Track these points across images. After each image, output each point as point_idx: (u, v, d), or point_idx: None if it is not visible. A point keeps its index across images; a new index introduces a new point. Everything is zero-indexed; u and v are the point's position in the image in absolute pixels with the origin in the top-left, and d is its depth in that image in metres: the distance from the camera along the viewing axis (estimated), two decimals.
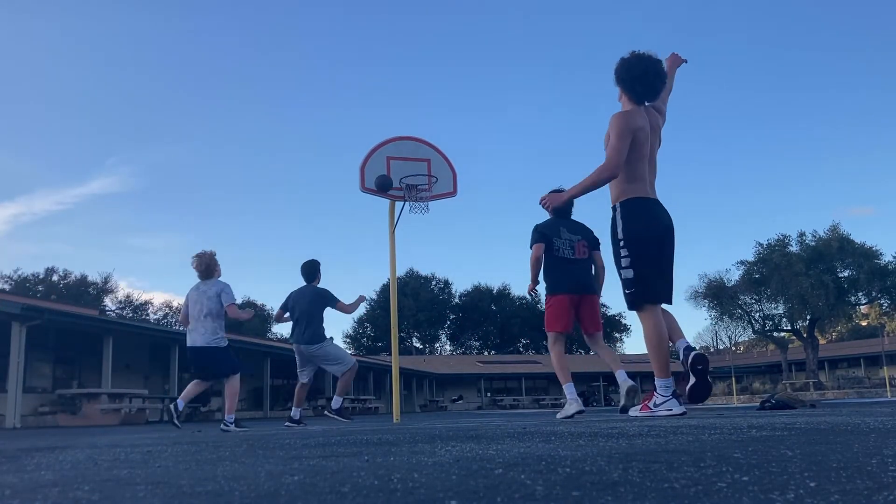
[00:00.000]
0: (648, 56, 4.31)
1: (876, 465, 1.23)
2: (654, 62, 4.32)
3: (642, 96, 4.36)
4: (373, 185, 9.19)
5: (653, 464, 1.34)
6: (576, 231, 5.80)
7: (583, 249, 5.75)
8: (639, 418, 4.07)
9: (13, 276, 52.45)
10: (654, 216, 4.28)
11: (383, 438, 2.71)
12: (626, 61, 4.31)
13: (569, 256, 5.70)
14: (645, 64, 4.29)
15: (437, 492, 1.08)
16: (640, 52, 4.32)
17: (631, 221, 4.23)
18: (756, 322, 43.24)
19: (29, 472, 1.73)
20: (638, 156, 4.25)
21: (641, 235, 4.21)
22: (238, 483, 1.28)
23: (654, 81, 4.32)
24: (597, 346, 5.97)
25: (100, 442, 3.60)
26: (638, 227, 4.22)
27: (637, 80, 4.30)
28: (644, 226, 4.23)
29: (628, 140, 4.19)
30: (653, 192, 4.36)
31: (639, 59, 4.29)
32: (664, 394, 4.18)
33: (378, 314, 58.70)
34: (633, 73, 4.29)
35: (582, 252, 5.74)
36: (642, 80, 4.29)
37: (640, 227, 4.22)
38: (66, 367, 18.98)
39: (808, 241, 39.47)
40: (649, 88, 4.33)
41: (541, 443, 2.08)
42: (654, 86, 4.33)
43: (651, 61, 4.30)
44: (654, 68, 4.32)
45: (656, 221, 4.28)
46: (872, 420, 2.76)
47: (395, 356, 9.43)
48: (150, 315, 58.31)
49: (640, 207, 4.26)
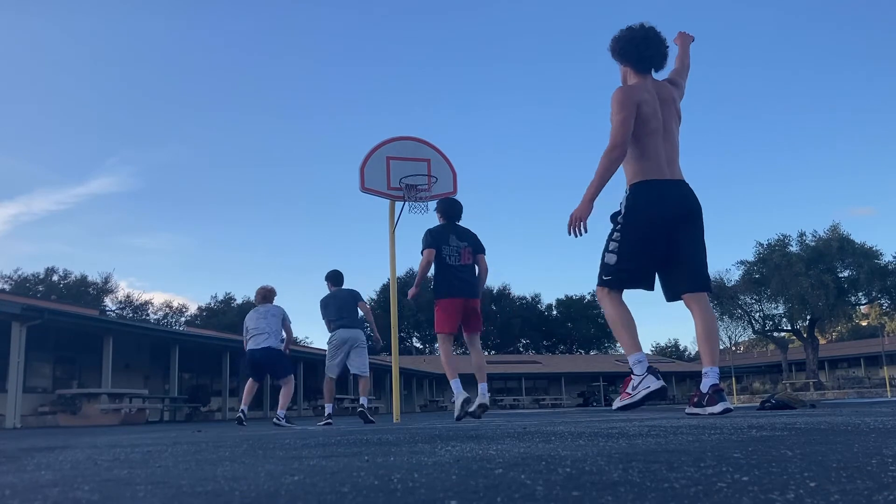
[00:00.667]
0: (643, 24, 4.09)
1: (876, 465, 1.23)
2: (651, 28, 4.08)
3: (647, 62, 4.07)
4: (373, 186, 9.21)
5: (653, 464, 1.34)
6: (463, 238, 6.10)
7: (468, 256, 6.06)
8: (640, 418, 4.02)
9: (13, 276, 52.50)
10: (663, 200, 3.92)
11: (383, 438, 2.71)
12: (621, 33, 4.11)
13: (455, 263, 5.98)
14: (642, 31, 4.07)
15: (438, 492, 1.08)
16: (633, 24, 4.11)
17: (635, 205, 3.92)
18: (756, 322, 43.24)
19: (29, 472, 1.73)
20: (647, 130, 3.93)
21: (640, 220, 3.89)
22: (238, 483, 1.28)
23: (657, 46, 4.06)
24: (473, 347, 6.23)
25: (100, 442, 3.60)
26: (640, 211, 3.90)
27: (636, 47, 4.05)
28: (647, 211, 3.90)
29: (631, 113, 3.89)
30: (671, 170, 3.99)
31: (633, 28, 4.08)
32: (639, 371, 3.83)
33: (378, 314, 58.55)
34: (631, 42, 4.07)
35: (467, 258, 6.05)
36: (641, 46, 4.05)
37: (643, 212, 3.90)
38: (66, 367, 18.98)
39: (808, 241, 39.49)
40: (654, 53, 4.06)
41: (541, 443, 2.08)
42: (657, 50, 4.06)
43: (647, 28, 4.07)
44: (653, 33, 4.07)
45: (665, 206, 3.90)
46: (872, 420, 2.76)
47: (395, 356, 9.44)
48: (150, 315, 58.36)
49: (650, 189, 3.92)
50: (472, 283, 6.06)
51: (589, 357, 58.73)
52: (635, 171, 3.97)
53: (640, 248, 3.91)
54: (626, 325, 3.90)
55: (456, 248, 6.02)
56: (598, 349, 66.24)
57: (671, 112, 4.08)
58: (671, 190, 3.96)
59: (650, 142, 3.94)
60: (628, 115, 3.88)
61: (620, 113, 3.89)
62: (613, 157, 3.87)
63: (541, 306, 68.46)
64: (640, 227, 3.91)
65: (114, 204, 76.08)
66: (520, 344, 67.80)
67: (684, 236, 3.95)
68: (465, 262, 6.03)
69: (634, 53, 4.08)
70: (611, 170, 3.89)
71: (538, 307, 68.28)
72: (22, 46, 67.83)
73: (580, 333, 66.22)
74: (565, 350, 66.98)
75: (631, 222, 3.92)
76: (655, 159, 3.94)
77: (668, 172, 3.97)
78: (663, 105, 4.05)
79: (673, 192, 3.97)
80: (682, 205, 3.97)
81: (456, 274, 5.96)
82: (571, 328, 67.10)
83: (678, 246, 3.97)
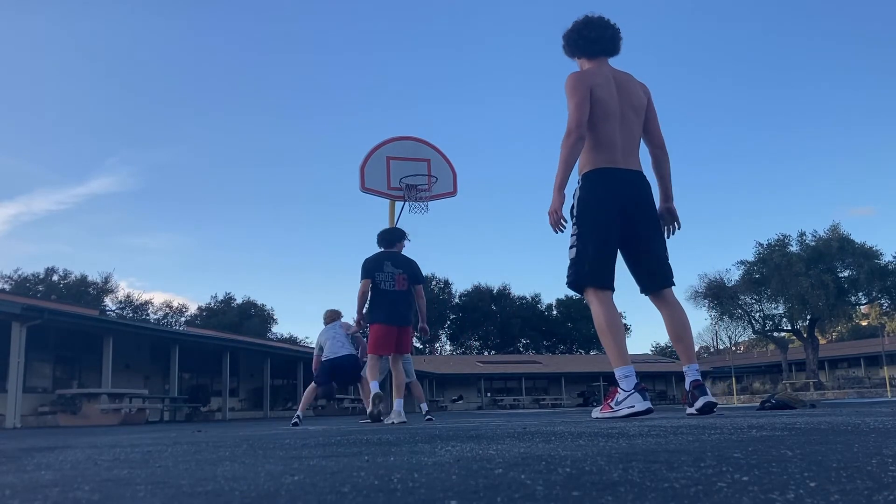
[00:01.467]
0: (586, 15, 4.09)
1: (876, 465, 1.23)
2: (594, 15, 4.07)
3: (594, 45, 4.01)
4: (373, 185, 9.21)
5: (653, 464, 1.34)
6: (399, 265, 6.44)
7: (402, 282, 6.37)
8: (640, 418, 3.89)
9: (13, 276, 52.52)
10: (614, 188, 3.81)
11: (383, 438, 2.71)
12: (566, 29, 4.11)
13: (389, 288, 6.33)
14: (584, 19, 4.06)
15: (437, 492, 1.08)
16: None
17: (586, 195, 3.83)
18: (756, 322, 43.24)
19: (29, 472, 1.73)
20: (601, 115, 3.84)
21: (594, 211, 3.79)
22: (238, 483, 1.28)
23: (601, 29, 4.02)
24: (396, 367, 6.54)
25: (100, 442, 3.60)
26: (592, 202, 3.80)
27: (578, 34, 4.03)
28: (599, 200, 3.79)
29: (585, 97, 3.80)
30: (626, 160, 3.87)
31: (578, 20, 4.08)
32: (626, 387, 3.66)
33: None
34: (573, 32, 4.06)
35: (402, 285, 6.37)
36: (584, 31, 4.02)
37: (595, 202, 3.80)
38: (66, 367, 18.99)
39: (808, 241, 39.50)
40: (598, 35, 4.00)
41: (541, 443, 2.08)
42: (601, 33, 4.01)
43: (589, 16, 4.07)
44: (595, 18, 4.05)
45: (616, 195, 3.80)
46: (872, 420, 2.76)
47: None
48: (150, 315, 58.36)
49: (600, 178, 3.82)
50: (403, 309, 6.41)
51: (589, 357, 58.68)
52: (586, 160, 3.89)
53: (599, 238, 3.78)
54: (613, 332, 3.74)
55: (391, 273, 6.34)
56: (598, 349, 66.15)
57: (629, 99, 3.95)
58: (622, 178, 3.85)
59: (604, 128, 3.86)
60: (581, 100, 3.81)
61: (574, 98, 3.82)
62: (570, 142, 3.78)
63: (541, 306, 68.46)
64: (593, 218, 3.80)
65: (114, 204, 76.16)
66: (520, 344, 67.77)
67: (641, 229, 3.85)
68: (399, 288, 6.35)
69: (579, 41, 4.05)
70: (572, 155, 3.80)
71: (538, 307, 68.26)
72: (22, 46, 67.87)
73: (580, 333, 66.18)
74: (565, 350, 66.98)
75: (584, 213, 3.83)
76: (609, 147, 3.86)
77: (623, 162, 3.87)
78: (620, 90, 3.95)
79: (624, 180, 3.85)
80: (632, 193, 3.86)
81: (390, 299, 6.30)
82: (571, 328, 67.07)
83: (635, 240, 3.87)
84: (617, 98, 3.90)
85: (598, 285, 3.79)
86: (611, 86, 3.90)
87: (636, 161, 3.95)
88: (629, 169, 3.89)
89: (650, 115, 4.07)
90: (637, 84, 4.07)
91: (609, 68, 4.03)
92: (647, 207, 3.89)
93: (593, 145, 3.86)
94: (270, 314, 64.38)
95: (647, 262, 3.91)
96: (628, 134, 3.91)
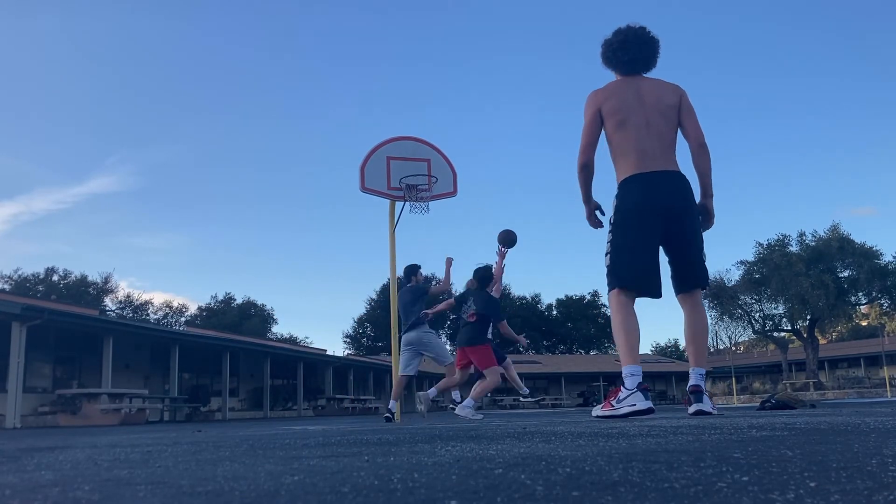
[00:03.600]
0: (628, 26, 4.16)
1: (876, 465, 1.23)
2: (631, 30, 4.15)
3: (626, 66, 4.14)
4: (373, 186, 9.21)
5: (653, 464, 1.34)
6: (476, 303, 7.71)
7: (472, 315, 7.65)
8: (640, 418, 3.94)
9: (13, 276, 52.43)
10: (648, 193, 3.89)
11: (383, 438, 2.71)
12: (606, 38, 4.19)
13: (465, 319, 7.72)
14: (620, 35, 4.14)
15: (437, 492, 1.08)
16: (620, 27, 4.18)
17: (618, 204, 3.95)
18: (756, 322, 43.23)
19: (29, 472, 1.73)
20: (618, 126, 3.98)
21: (624, 218, 3.90)
22: (238, 483, 1.28)
23: (635, 50, 4.12)
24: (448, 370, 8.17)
25: (100, 442, 3.60)
26: (622, 210, 3.92)
27: (614, 53, 4.13)
28: (628, 209, 3.90)
29: (593, 119, 3.98)
30: (657, 163, 3.93)
31: (616, 31, 4.16)
32: (629, 386, 3.72)
33: (378, 314, 58.65)
34: (609, 48, 4.16)
35: (471, 317, 7.65)
36: (619, 52, 4.11)
37: (625, 210, 3.91)
38: (66, 367, 18.99)
39: (808, 241, 39.50)
40: (631, 57, 4.12)
41: (541, 443, 2.08)
42: (635, 54, 4.12)
43: (630, 29, 4.15)
44: (632, 35, 4.14)
45: (649, 199, 3.88)
46: (872, 420, 2.76)
47: (394, 356, 9.43)
48: (150, 315, 58.29)
49: (631, 186, 3.93)
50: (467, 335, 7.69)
51: (589, 357, 58.71)
52: (618, 170, 4.03)
53: (633, 245, 3.87)
54: (627, 333, 3.83)
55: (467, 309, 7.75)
56: (598, 349, 66.20)
57: (655, 104, 4.02)
58: (654, 181, 3.91)
59: (625, 137, 3.96)
60: (588, 123, 4.02)
61: (585, 126, 4.04)
62: (579, 164, 4.05)
63: (541, 306, 68.42)
64: (626, 225, 3.89)
65: (114, 204, 76.10)
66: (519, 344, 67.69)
67: (676, 229, 3.91)
68: (469, 320, 7.67)
69: (612, 59, 4.18)
70: (581, 176, 4.08)
71: (538, 307, 68.21)
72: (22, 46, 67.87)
73: (580, 333, 66.18)
74: (565, 350, 66.93)
75: (618, 222, 3.94)
76: (635, 154, 3.94)
77: (653, 165, 3.92)
78: (645, 97, 4.03)
79: (655, 183, 3.91)
80: (667, 194, 3.92)
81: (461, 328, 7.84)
82: (571, 328, 67.04)
83: (671, 242, 3.95)
84: (637, 106, 4.00)
85: (621, 286, 3.89)
86: (626, 94, 4.02)
87: (670, 162, 4.00)
88: (661, 171, 3.94)
89: (684, 114, 4.12)
90: (666, 87, 4.14)
91: (638, 79, 4.15)
92: (683, 208, 3.94)
93: (619, 154, 4.00)
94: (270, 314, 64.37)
95: (681, 264, 4.01)
96: (657, 137, 3.98)
